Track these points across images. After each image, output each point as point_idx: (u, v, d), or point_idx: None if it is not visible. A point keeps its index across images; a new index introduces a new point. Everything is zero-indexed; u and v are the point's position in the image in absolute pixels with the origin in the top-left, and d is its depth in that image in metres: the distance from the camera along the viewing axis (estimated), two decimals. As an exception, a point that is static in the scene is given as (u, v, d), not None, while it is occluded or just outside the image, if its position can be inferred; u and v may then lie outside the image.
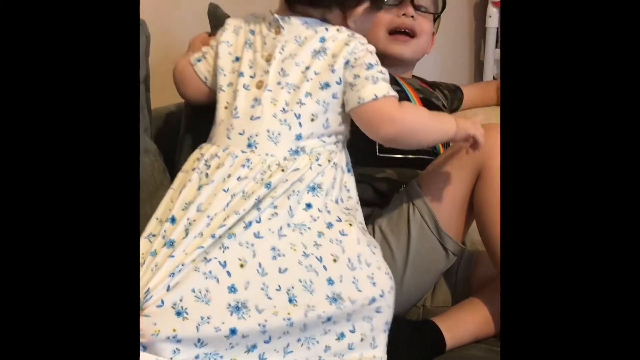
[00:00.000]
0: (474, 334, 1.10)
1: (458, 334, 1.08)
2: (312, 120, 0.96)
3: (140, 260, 0.89)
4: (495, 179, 1.06)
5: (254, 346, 0.86)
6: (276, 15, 0.99)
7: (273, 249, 0.89)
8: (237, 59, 1.01)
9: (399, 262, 1.12)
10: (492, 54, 1.96)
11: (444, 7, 1.40)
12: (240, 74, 0.99)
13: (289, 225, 0.91)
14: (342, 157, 1.00)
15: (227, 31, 1.04)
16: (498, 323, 1.10)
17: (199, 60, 1.09)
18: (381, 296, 0.93)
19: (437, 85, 1.49)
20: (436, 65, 1.85)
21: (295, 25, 0.98)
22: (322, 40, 0.97)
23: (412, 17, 1.33)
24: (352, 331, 0.91)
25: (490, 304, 1.11)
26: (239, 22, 1.05)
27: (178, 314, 0.84)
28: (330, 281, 0.90)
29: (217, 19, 1.22)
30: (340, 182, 0.98)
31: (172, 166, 1.19)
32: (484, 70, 1.97)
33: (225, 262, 0.87)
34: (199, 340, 0.83)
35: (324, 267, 0.90)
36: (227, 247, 0.88)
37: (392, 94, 0.96)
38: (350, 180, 1.00)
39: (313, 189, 0.94)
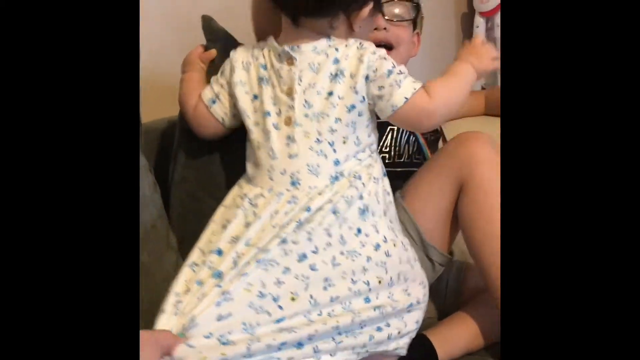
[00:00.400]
0: (465, 347, 1.11)
1: (450, 348, 1.09)
2: (344, 142, 0.97)
3: (184, 287, 0.91)
4: (477, 190, 1.07)
5: (301, 343, 0.89)
6: (285, 47, 0.98)
7: (325, 279, 0.91)
8: (256, 97, 1.01)
9: None
10: (480, 64, 1.96)
11: (418, 10, 1.34)
12: (267, 114, 0.99)
13: (342, 253, 0.93)
14: (378, 167, 1.01)
15: (237, 69, 1.03)
16: (488, 336, 1.11)
17: (213, 102, 1.08)
18: (418, 303, 0.98)
19: None
20: (423, 75, 1.84)
21: (306, 53, 0.98)
22: (336, 61, 0.97)
23: (385, 29, 1.28)
24: (388, 326, 0.95)
25: (481, 317, 1.12)
26: (244, 55, 1.04)
27: (224, 344, 0.86)
28: (367, 300, 0.93)
29: (212, 32, 1.20)
30: (382, 191, 0.99)
31: (165, 180, 1.19)
32: (471, 80, 1.98)
33: (278, 296, 0.89)
34: (249, 355, 0.86)
35: (369, 289, 0.93)
36: (283, 282, 0.90)
37: (418, 86, 0.98)
38: (387, 182, 1.02)
39: (363, 212, 0.95)
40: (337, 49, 0.98)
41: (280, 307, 0.89)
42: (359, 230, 0.94)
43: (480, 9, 1.97)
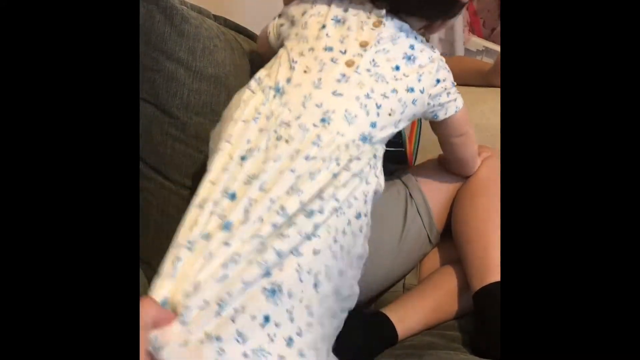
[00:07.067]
0: (424, 321, 1.14)
1: (409, 324, 1.12)
2: (390, 115, 0.94)
3: (187, 239, 0.78)
4: (480, 178, 1.17)
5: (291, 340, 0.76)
6: (384, 11, 0.99)
7: (326, 266, 0.80)
8: (324, 26, 0.99)
9: (388, 249, 1.20)
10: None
11: None
12: (329, 49, 0.96)
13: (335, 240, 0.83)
14: (375, 182, 0.93)
15: (318, 2, 1.02)
16: (448, 307, 1.15)
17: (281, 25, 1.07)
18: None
19: None
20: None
21: (391, 27, 0.99)
22: (412, 47, 0.99)
23: None
24: None
25: (439, 289, 1.16)
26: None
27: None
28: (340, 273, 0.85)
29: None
30: (371, 195, 0.91)
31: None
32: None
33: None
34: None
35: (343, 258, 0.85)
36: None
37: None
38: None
39: (359, 216, 0.87)
40: (416, 37, 1.00)
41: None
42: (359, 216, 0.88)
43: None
